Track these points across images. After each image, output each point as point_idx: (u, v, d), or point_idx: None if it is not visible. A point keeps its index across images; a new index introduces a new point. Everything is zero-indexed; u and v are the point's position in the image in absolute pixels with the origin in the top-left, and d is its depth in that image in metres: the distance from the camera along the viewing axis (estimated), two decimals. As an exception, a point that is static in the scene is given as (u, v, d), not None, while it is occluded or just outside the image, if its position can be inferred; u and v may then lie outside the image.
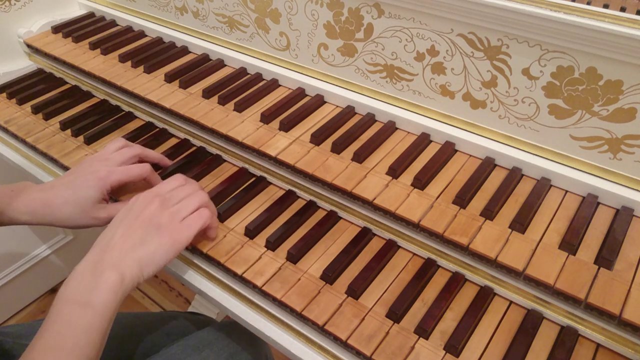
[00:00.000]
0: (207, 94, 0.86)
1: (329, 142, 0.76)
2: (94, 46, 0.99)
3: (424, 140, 0.76)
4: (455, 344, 0.55)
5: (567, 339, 0.56)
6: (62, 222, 0.65)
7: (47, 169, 0.84)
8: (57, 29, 1.06)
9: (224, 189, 0.75)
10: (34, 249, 1.42)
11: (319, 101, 0.85)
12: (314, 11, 0.80)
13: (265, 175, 0.77)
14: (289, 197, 0.74)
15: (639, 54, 0.57)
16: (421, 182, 0.68)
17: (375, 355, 0.55)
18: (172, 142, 0.85)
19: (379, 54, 0.78)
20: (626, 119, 0.62)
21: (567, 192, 0.68)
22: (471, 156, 0.74)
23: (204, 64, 0.94)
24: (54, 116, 0.90)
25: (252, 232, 0.68)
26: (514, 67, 0.67)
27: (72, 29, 1.05)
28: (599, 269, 0.57)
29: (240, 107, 0.83)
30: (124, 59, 0.96)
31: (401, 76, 0.77)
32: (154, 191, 0.61)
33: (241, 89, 0.87)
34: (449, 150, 0.74)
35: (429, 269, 0.64)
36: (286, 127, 0.78)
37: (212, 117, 0.81)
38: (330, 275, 0.62)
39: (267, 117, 0.80)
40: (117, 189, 0.70)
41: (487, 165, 0.71)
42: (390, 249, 0.66)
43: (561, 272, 0.57)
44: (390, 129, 0.78)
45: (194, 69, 0.93)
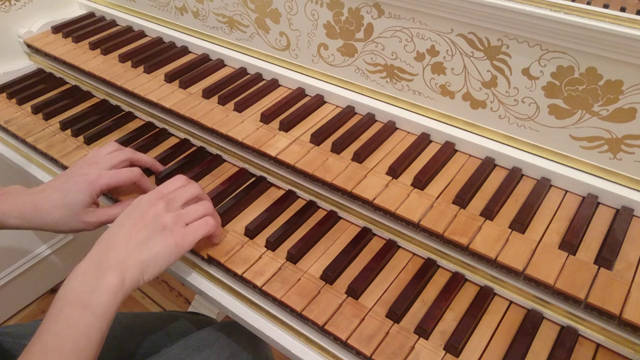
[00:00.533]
0: (207, 94, 0.86)
1: (329, 142, 0.76)
2: (94, 46, 0.99)
3: (424, 140, 0.76)
4: (455, 344, 0.55)
5: (567, 339, 0.56)
6: (52, 226, 0.65)
7: (47, 169, 0.84)
8: (57, 29, 1.06)
9: (224, 189, 0.75)
10: (34, 249, 1.42)
11: (319, 101, 0.85)
12: (314, 11, 0.80)
13: (265, 175, 0.77)
14: (289, 197, 0.74)
15: (639, 54, 0.57)
16: (421, 182, 0.68)
17: (375, 355, 0.55)
18: (172, 142, 0.85)
19: (379, 54, 0.78)
20: (626, 119, 0.62)
21: (567, 192, 0.68)
22: (471, 156, 0.74)
23: (204, 64, 0.94)
24: (54, 116, 0.90)
25: (252, 232, 0.68)
26: (514, 67, 0.67)
27: (72, 29, 1.05)
28: (599, 269, 0.57)
29: (240, 107, 0.83)
30: (124, 59, 0.96)
31: (401, 76, 0.77)
32: (158, 192, 0.61)
33: (241, 89, 0.87)
34: (449, 150, 0.74)
35: (429, 269, 0.64)
36: (286, 127, 0.78)
37: (212, 117, 0.81)
38: (330, 275, 0.62)
39: (267, 117, 0.80)
40: (112, 191, 0.70)
41: (487, 165, 0.71)
42: (390, 249, 0.66)
43: (561, 272, 0.57)
44: (390, 129, 0.78)
45: (194, 69, 0.93)
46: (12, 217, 0.64)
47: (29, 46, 1.04)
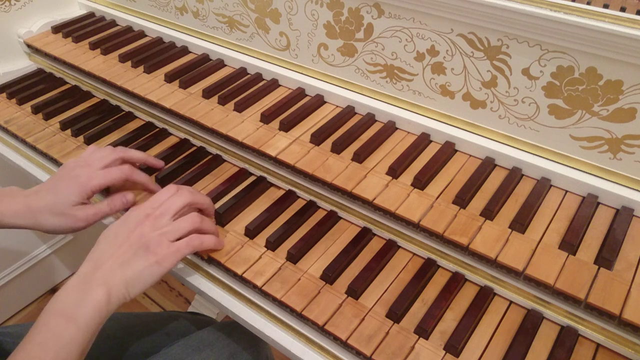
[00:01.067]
0: (207, 94, 0.86)
1: (329, 142, 0.76)
2: (94, 46, 0.99)
3: (424, 140, 0.76)
4: (455, 344, 0.55)
5: (567, 338, 0.56)
6: (45, 226, 0.66)
7: (47, 169, 0.84)
8: (57, 29, 1.06)
9: (224, 189, 0.75)
10: (34, 249, 1.42)
11: (319, 101, 0.85)
12: (314, 11, 0.80)
13: (265, 175, 0.77)
14: (289, 197, 0.74)
15: (639, 54, 0.57)
16: (421, 182, 0.68)
17: (375, 355, 0.55)
18: (172, 142, 0.85)
19: (379, 54, 0.78)
20: (626, 119, 0.62)
21: (567, 192, 0.68)
22: (471, 156, 0.74)
23: (204, 64, 0.94)
24: (54, 116, 0.90)
25: (252, 232, 0.68)
26: (514, 67, 0.67)
27: (72, 29, 1.05)
28: (599, 269, 0.57)
29: (240, 107, 0.83)
30: (124, 59, 0.96)
31: (401, 76, 0.77)
32: (146, 207, 0.62)
33: (241, 89, 0.87)
34: (449, 150, 0.74)
35: (429, 269, 0.64)
36: (286, 127, 0.78)
37: (212, 117, 0.81)
38: (330, 275, 0.62)
39: (267, 117, 0.80)
40: (106, 189, 0.71)
41: (487, 165, 0.71)
42: (390, 249, 0.66)
43: (561, 272, 0.57)
44: (390, 129, 0.78)
45: (194, 69, 0.93)
46: (7, 217, 0.66)
47: (29, 46, 1.04)
